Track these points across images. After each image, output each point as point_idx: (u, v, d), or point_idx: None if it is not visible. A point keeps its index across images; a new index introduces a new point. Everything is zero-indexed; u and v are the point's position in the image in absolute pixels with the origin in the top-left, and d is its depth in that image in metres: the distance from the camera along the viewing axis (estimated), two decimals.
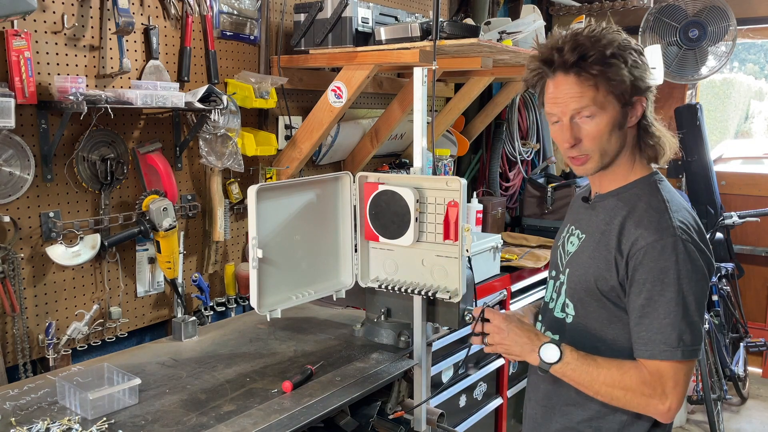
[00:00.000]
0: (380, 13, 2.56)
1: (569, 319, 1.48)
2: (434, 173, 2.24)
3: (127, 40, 2.15)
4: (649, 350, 1.31)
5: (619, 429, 1.43)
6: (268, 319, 2.00)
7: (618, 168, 1.44)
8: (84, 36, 2.06)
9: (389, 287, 2.07)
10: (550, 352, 1.39)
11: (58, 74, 1.99)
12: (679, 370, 1.29)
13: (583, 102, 1.36)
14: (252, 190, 1.89)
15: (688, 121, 4.35)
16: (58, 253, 2.02)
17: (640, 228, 1.34)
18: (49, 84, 1.98)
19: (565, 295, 1.49)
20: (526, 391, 1.66)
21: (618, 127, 1.38)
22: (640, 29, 4.17)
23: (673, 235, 1.31)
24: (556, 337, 1.49)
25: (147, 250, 2.32)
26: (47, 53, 1.98)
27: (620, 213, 1.39)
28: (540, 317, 1.62)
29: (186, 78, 2.35)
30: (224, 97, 2.24)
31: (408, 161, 3.36)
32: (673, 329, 1.28)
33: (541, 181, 4.05)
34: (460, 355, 2.65)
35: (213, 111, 2.24)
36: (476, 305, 1.63)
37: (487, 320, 1.52)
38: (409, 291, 2.03)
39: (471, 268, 2.02)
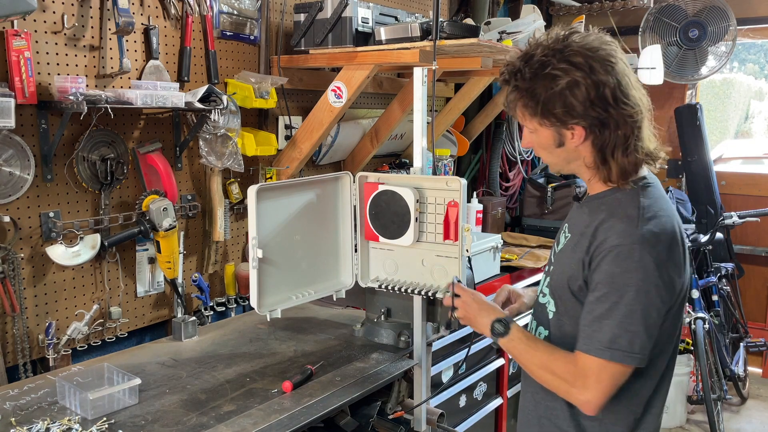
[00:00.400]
0: (380, 13, 2.56)
1: (551, 315, 1.51)
2: (434, 173, 2.24)
3: (127, 40, 2.15)
4: (584, 344, 1.35)
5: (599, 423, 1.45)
6: (268, 319, 2.00)
7: (593, 175, 1.44)
8: (84, 36, 2.06)
9: (389, 287, 2.07)
10: (499, 328, 1.51)
11: (58, 74, 1.99)
12: (605, 369, 1.32)
13: (521, 121, 1.44)
14: (252, 190, 1.89)
15: (688, 121, 4.35)
16: (58, 253, 2.02)
17: (609, 232, 1.35)
18: (49, 84, 1.98)
19: (548, 291, 1.53)
20: (521, 384, 1.70)
21: (556, 146, 1.41)
22: (640, 29, 4.17)
23: (633, 243, 1.31)
24: (547, 331, 1.52)
25: (147, 250, 2.32)
26: (47, 53, 1.98)
27: (599, 217, 1.40)
28: (533, 310, 1.63)
29: (186, 78, 2.35)
30: (224, 97, 2.25)
31: (408, 161, 3.36)
32: (609, 330, 1.31)
33: (541, 181, 4.05)
34: (460, 355, 2.65)
35: (213, 111, 2.24)
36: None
37: (458, 295, 1.66)
38: (409, 291, 2.03)
39: (471, 268, 2.02)
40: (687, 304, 3.93)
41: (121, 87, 2.16)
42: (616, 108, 1.33)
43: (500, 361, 2.98)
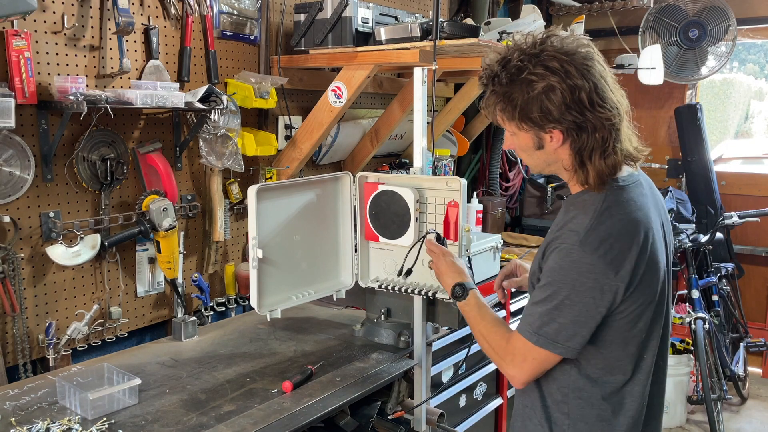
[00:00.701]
0: (380, 13, 2.56)
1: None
2: (434, 173, 2.24)
3: (127, 40, 2.15)
4: (520, 325, 1.43)
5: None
6: (268, 319, 2.00)
7: (571, 178, 1.46)
8: (84, 36, 2.06)
9: (389, 287, 2.07)
10: (458, 291, 1.62)
11: (58, 74, 1.99)
12: (531, 351, 1.40)
13: (501, 125, 1.46)
14: (252, 190, 1.89)
15: (688, 121, 4.35)
16: (58, 253, 2.02)
17: (561, 230, 1.40)
18: (49, 84, 1.98)
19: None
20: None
21: (536, 148, 1.43)
22: (640, 29, 4.17)
23: (574, 243, 1.34)
24: None
25: (147, 250, 2.32)
26: (47, 53, 1.98)
27: (566, 216, 1.43)
28: None
29: (186, 78, 2.35)
30: (224, 97, 2.25)
31: (408, 161, 3.36)
32: (539, 317, 1.38)
33: (541, 181, 4.05)
34: (460, 355, 2.65)
35: (213, 111, 2.24)
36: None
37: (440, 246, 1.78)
38: (409, 291, 2.03)
39: (471, 268, 2.01)
40: (687, 304, 3.94)
41: (121, 87, 2.16)
42: (592, 111, 1.34)
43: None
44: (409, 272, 1.89)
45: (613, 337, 1.40)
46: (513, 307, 3.01)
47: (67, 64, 2.03)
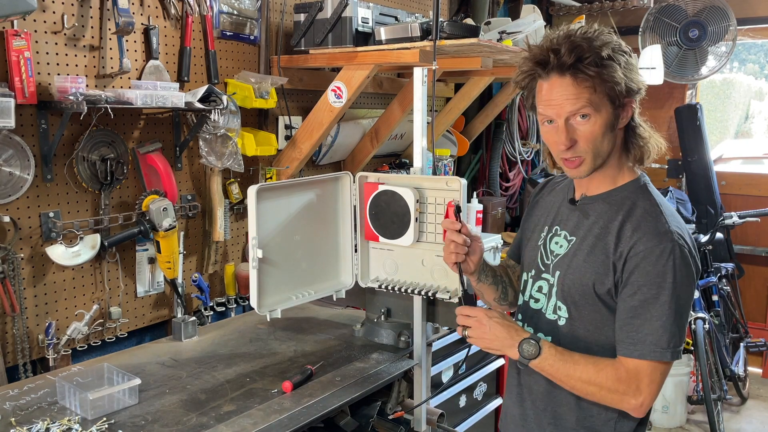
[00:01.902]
0: (380, 13, 2.56)
1: (562, 321, 1.48)
2: (434, 173, 2.24)
3: (127, 40, 2.15)
4: (638, 350, 1.34)
5: (608, 425, 1.45)
6: (268, 319, 2.00)
7: (607, 170, 1.45)
8: (84, 36, 2.06)
9: (389, 287, 2.07)
10: (530, 348, 1.41)
11: (58, 74, 1.99)
12: (657, 369, 1.34)
13: (579, 104, 1.35)
14: (252, 190, 1.89)
15: (688, 121, 4.35)
16: (58, 253, 2.02)
17: (639, 232, 1.36)
18: (49, 84, 1.98)
19: (556, 297, 1.49)
20: (510, 391, 1.63)
21: (610, 129, 1.39)
22: (640, 29, 4.17)
23: (671, 241, 1.33)
24: (549, 338, 1.49)
25: (147, 250, 2.31)
26: (47, 53, 1.98)
27: (616, 217, 1.40)
28: (521, 316, 1.60)
29: (186, 78, 2.35)
30: (224, 97, 2.24)
31: (408, 161, 3.36)
32: (665, 331, 1.32)
33: (541, 181, 4.04)
34: (460, 355, 2.65)
35: (213, 111, 2.24)
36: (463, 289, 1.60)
37: (470, 302, 1.53)
38: (409, 291, 2.03)
39: None
40: None
41: (121, 87, 2.16)
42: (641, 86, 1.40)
43: (500, 361, 2.98)
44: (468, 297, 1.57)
45: None
46: None
47: (67, 64, 2.03)
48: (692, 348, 3.66)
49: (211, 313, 2.52)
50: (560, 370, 1.40)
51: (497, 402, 3.00)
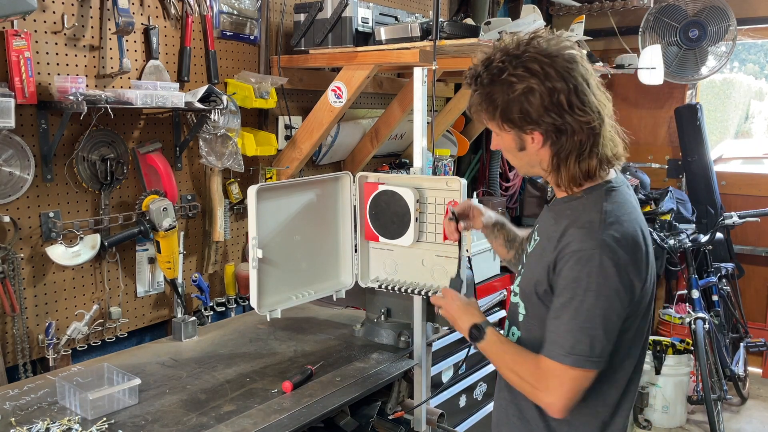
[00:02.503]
0: (380, 13, 2.56)
1: (520, 318, 1.54)
2: (434, 173, 2.24)
3: (127, 40, 2.15)
4: (547, 349, 1.37)
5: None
6: (268, 319, 2.00)
7: (559, 179, 1.44)
8: (84, 36, 2.06)
9: (389, 287, 2.07)
10: (475, 332, 1.54)
11: (58, 74, 1.99)
12: (566, 373, 1.33)
13: (485, 124, 1.46)
14: (252, 190, 1.89)
15: (688, 121, 4.35)
16: (58, 253, 2.02)
17: (571, 237, 1.36)
18: (49, 84, 1.98)
19: (518, 294, 1.55)
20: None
21: (518, 149, 1.43)
22: (640, 29, 4.17)
23: (593, 248, 1.32)
24: (519, 332, 1.55)
25: (147, 250, 2.31)
26: (47, 53, 1.98)
27: (564, 221, 1.41)
28: (508, 311, 1.66)
29: (186, 78, 2.35)
30: (224, 97, 2.24)
31: (408, 161, 3.36)
32: (570, 336, 1.32)
33: (540, 181, 4.04)
34: (460, 355, 2.65)
35: (213, 111, 2.24)
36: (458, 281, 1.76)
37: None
38: (409, 291, 2.03)
39: (471, 268, 2.02)
40: (687, 304, 3.94)
41: (121, 87, 2.16)
42: (571, 114, 1.34)
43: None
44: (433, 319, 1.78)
45: (624, 342, 1.40)
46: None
47: (67, 64, 2.03)
48: (692, 348, 3.67)
49: (211, 313, 2.52)
50: (495, 357, 1.50)
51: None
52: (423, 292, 2.01)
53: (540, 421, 1.48)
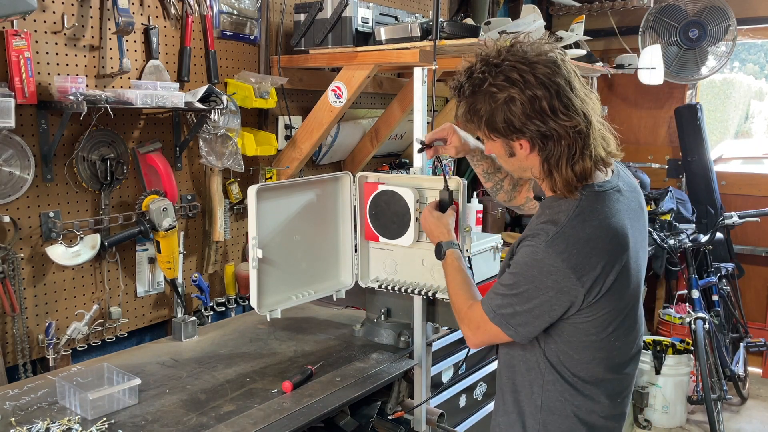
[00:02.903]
0: (380, 13, 2.56)
1: None
2: (434, 173, 2.24)
3: (127, 40, 2.15)
4: (486, 297, 1.50)
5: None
6: (268, 319, 2.00)
7: (554, 185, 1.44)
8: (84, 36, 2.06)
9: (389, 287, 2.07)
10: (438, 249, 1.72)
11: (58, 74, 1.99)
12: (486, 323, 1.47)
13: (470, 128, 1.49)
14: (252, 190, 1.89)
15: (688, 121, 4.35)
16: (58, 253, 2.02)
17: (531, 230, 1.43)
18: (49, 84, 1.98)
19: None
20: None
21: (509, 156, 1.46)
22: (640, 29, 4.17)
23: (540, 242, 1.37)
24: None
25: (147, 250, 2.31)
26: (47, 53, 1.98)
27: (539, 217, 1.45)
28: None
29: (186, 78, 2.35)
30: (224, 97, 2.24)
31: (408, 161, 3.36)
32: (501, 298, 1.45)
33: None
34: (460, 355, 2.65)
35: (213, 111, 2.24)
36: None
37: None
38: (409, 291, 2.03)
39: (471, 268, 2.01)
40: (687, 304, 3.94)
41: (121, 87, 2.16)
42: (555, 120, 1.34)
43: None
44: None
45: (581, 339, 1.42)
46: None
47: (67, 64, 2.03)
48: (692, 348, 3.67)
49: (211, 313, 2.52)
50: (448, 277, 1.67)
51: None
52: (423, 292, 2.01)
53: (517, 417, 1.53)
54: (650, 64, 3.67)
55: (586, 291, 1.35)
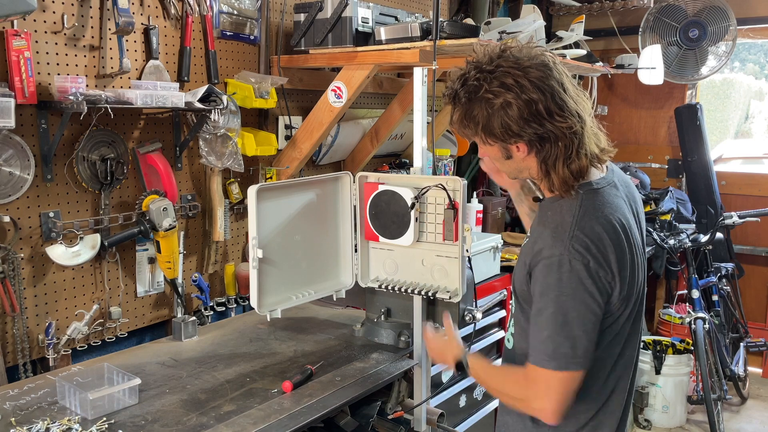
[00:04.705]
0: (380, 13, 2.56)
1: (513, 310, 1.58)
2: (434, 173, 2.24)
3: (127, 40, 2.15)
4: (532, 356, 1.39)
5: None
6: (268, 319, 2.00)
7: (551, 185, 1.45)
8: (84, 36, 2.06)
9: (389, 287, 2.07)
10: (459, 367, 1.61)
11: (58, 74, 1.99)
12: (553, 378, 1.35)
13: (467, 134, 1.46)
14: (252, 190, 1.89)
15: (688, 121, 4.35)
16: (58, 253, 2.02)
17: (543, 242, 1.39)
18: (49, 84, 1.98)
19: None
20: None
21: (506, 158, 1.45)
22: (640, 29, 4.17)
23: (561, 254, 1.34)
24: (513, 329, 1.58)
25: (147, 250, 2.31)
26: (47, 53, 1.98)
27: (543, 222, 1.44)
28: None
29: (186, 78, 2.35)
30: (224, 97, 2.24)
31: (408, 161, 3.36)
32: (550, 341, 1.35)
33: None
34: None
35: (213, 111, 2.24)
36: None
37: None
38: (409, 291, 2.03)
39: (471, 268, 2.02)
40: (687, 304, 3.94)
41: (121, 87, 2.16)
42: (551, 122, 1.35)
43: (500, 361, 2.98)
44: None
45: (606, 341, 1.42)
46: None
47: (67, 64, 2.03)
48: (692, 348, 3.67)
49: (211, 313, 2.52)
50: (484, 383, 1.60)
51: (497, 402, 3.00)
52: (423, 292, 2.01)
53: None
54: (650, 64, 3.67)
55: (617, 285, 1.36)
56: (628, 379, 1.52)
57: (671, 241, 3.77)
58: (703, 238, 3.88)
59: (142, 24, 2.21)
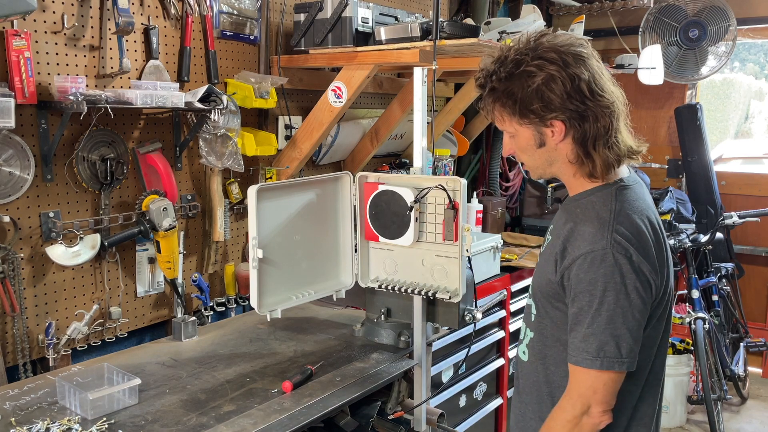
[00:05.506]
0: (380, 13, 2.56)
1: (532, 318, 1.51)
2: (434, 173, 2.24)
3: (127, 40, 2.15)
4: (574, 357, 1.34)
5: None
6: (268, 319, 2.00)
7: (565, 178, 1.44)
8: (84, 36, 2.06)
9: (389, 287, 2.07)
10: None
11: (58, 74, 1.99)
12: (598, 378, 1.31)
13: (500, 124, 1.44)
14: (252, 190, 1.89)
15: (688, 121, 4.35)
16: (58, 253, 2.02)
17: (579, 238, 1.34)
18: (49, 84, 1.98)
19: (531, 294, 1.53)
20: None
21: (538, 146, 1.40)
22: (640, 29, 4.17)
23: (604, 248, 1.30)
24: (532, 333, 1.51)
25: (147, 250, 2.31)
26: (47, 53, 1.98)
27: (573, 219, 1.39)
28: (523, 313, 1.64)
29: (186, 78, 2.35)
30: (224, 97, 2.24)
31: (408, 161, 3.36)
32: (594, 339, 1.30)
33: (540, 181, 4.05)
34: (460, 355, 2.65)
35: (213, 111, 2.24)
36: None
37: None
38: (409, 291, 2.03)
39: (471, 268, 2.02)
40: (687, 304, 3.94)
41: (121, 87, 2.16)
42: (593, 100, 1.33)
43: (500, 361, 2.98)
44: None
45: (644, 342, 1.37)
46: (513, 307, 3.01)
47: (67, 64, 2.03)
48: (692, 348, 3.67)
49: (211, 313, 2.52)
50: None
51: (497, 402, 3.00)
52: (423, 292, 2.01)
53: None
54: (650, 64, 3.67)
55: (659, 282, 1.34)
56: (657, 388, 1.46)
57: (671, 241, 3.77)
58: (703, 238, 3.88)
59: (142, 24, 2.21)
